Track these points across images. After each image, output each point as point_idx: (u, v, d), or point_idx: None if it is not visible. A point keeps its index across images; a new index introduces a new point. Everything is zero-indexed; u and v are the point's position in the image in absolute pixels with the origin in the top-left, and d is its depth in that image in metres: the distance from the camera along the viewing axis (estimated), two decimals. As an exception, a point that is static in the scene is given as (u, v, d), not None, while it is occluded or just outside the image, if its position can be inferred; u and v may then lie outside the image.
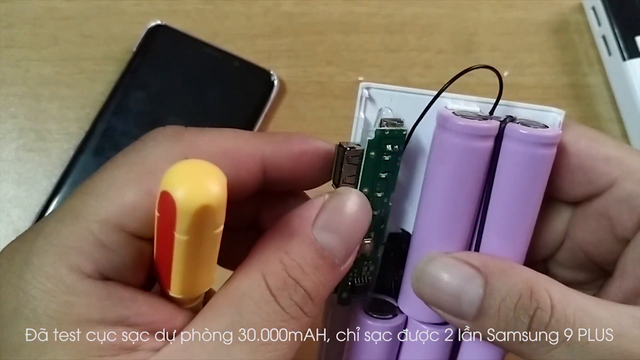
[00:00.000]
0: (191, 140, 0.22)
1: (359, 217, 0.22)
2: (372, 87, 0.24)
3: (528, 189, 0.22)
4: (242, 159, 0.22)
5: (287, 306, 0.21)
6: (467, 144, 0.22)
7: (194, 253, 0.19)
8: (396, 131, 0.23)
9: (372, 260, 0.25)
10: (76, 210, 0.20)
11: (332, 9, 0.47)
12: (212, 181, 0.17)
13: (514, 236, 0.23)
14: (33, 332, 0.19)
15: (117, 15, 0.45)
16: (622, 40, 0.45)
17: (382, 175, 0.23)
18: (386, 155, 0.23)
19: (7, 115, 0.43)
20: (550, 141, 0.22)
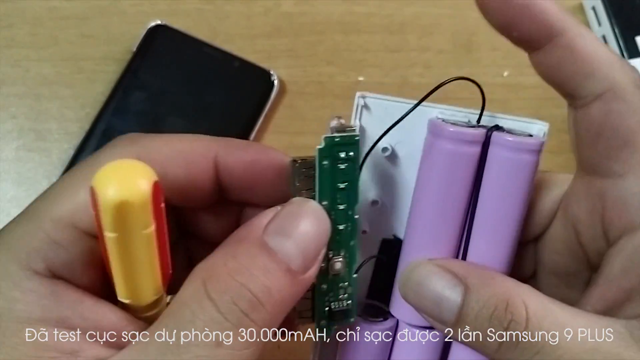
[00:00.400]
0: (145, 143, 0.22)
1: (314, 222, 0.21)
2: (368, 96, 0.25)
3: (514, 193, 0.23)
4: (195, 159, 0.22)
5: (228, 312, 0.19)
6: (456, 149, 0.23)
7: (125, 252, 0.19)
8: (347, 137, 0.22)
9: (349, 281, 0.24)
10: (32, 211, 0.21)
11: (332, 9, 0.47)
12: (137, 178, 0.18)
13: (501, 239, 0.23)
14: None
15: (117, 15, 0.45)
16: (622, 40, 0.45)
17: (341, 185, 0.22)
18: (341, 163, 0.22)
19: (7, 115, 0.43)
20: (535, 148, 0.23)
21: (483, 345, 0.21)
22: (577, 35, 0.22)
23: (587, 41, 0.22)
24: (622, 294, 0.22)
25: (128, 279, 0.19)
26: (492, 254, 0.24)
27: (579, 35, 0.22)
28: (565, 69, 0.22)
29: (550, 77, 0.23)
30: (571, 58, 0.22)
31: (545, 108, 0.46)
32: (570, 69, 0.22)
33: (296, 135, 0.44)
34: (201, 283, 0.19)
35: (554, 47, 0.22)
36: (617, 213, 0.23)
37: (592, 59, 0.22)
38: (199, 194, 0.23)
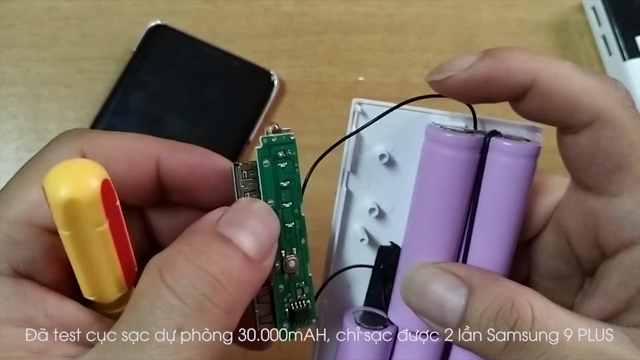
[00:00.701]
0: (90, 138, 0.22)
1: (263, 215, 0.22)
2: (364, 103, 0.25)
3: (512, 198, 0.23)
4: (137, 158, 0.22)
5: (187, 296, 0.18)
6: (454, 155, 0.23)
7: (81, 250, 0.19)
8: (283, 137, 0.23)
9: (305, 280, 0.24)
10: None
11: (332, 9, 0.47)
12: (86, 177, 0.18)
13: (500, 243, 0.24)
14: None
15: (117, 15, 0.45)
16: (623, 40, 0.45)
17: (284, 184, 0.23)
18: (281, 162, 0.23)
19: (7, 115, 0.43)
20: (532, 153, 0.23)
21: (488, 346, 0.21)
22: (551, 78, 0.22)
23: (563, 79, 0.22)
24: (620, 305, 0.22)
25: (89, 276, 0.20)
26: (491, 258, 0.24)
27: (552, 76, 0.22)
28: (548, 112, 0.22)
29: (536, 119, 0.23)
30: (551, 102, 0.22)
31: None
32: (553, 111, 0.22)
33: (296, 135, 0.44)
34: (157, 272, 0.19)
35: (532, 97, 0.22)
36: (613, 231, 0.23)
37: (572, 96, 0.22)
38: (140, 192, 0.23)
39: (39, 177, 0.20)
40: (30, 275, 0.21)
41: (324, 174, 0.43)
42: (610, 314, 0.23)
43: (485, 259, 0.24)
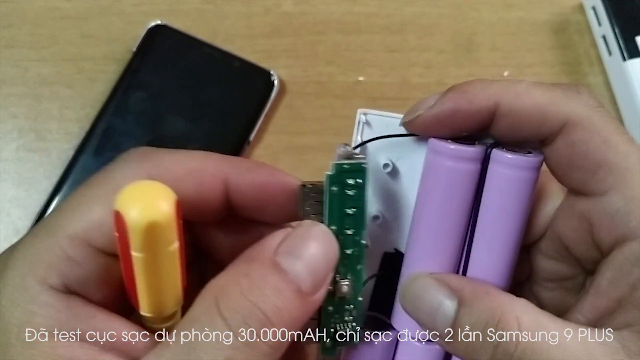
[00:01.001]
0: (157, 160, 0.22)
1: (324, 245, 0.22)
2: (369, 113, 0.25)
3: (513, 209, 0.24)
4: (205, 179, 0.22)
5: (239, 331, 0.19)
6: (456, 166, 0.23)
7: (152, 270, 0.19)
8: (355, 164, 0.23)
9: (354, 304, 0.24)
10: (49, 226, 0.21)
11: (332, 8, 0.47)
12: (160, 199, 0.18)
13: (501, 253, 0.24)
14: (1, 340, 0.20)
15: (117, 15, 0.45)
16: (623, 40, 0.45)
17: (349, 211, 0.23)
18: (349, 189, 0.23)
19: (8, 115, 0.43)
20: (533, 165, 0.23)
21: (475, 358, 0.22)
22: (513, 98, 0.23)
23: (524, 96, 0.23)
24: (612, 304, 0.23)
25: (152, 294, 0.20)
26: (492, 268, 0.24)
27: (514, 96, 0.23)
28: (519, 130, 0.23)
29: (513, 139, 0.24)
30: (518, 120, 0.23)
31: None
32: (523, 128, 0.23)
33: (296, 135, 0.44)
34: (213, 300, 0.19)
35: (500, 119, 0.23)
36: (606, 229, 0.23)
37: (536, 109, 0.23)
38: (209, 212, 0.24)
39: (102, 197, 0.21)
40: (80, 294, 0.21)
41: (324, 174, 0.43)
42: (603, 312, 0.23)
43: (487, 269, 0.24)
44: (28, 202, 0.41)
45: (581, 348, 0.21)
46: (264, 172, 0.24)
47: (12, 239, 0.40)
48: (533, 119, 0.23)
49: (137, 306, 0.21)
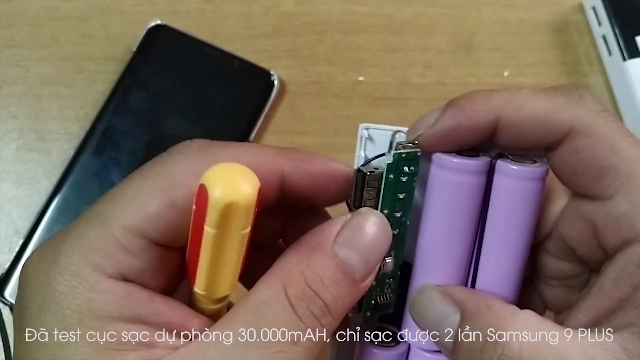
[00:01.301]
0: (215, 154, 0.22)
1: (380, 236, 0.23)
2: (371, 128, 0.26)
3: (520, 220, 0.24)
4: (263, 174, 0.22)
5: (304, 316, 0.21)
6: (460, 180, 0.23)
7: (220, 248, 0.20)
8: (411, 153, 0.24)
9: (393, 278, 0.25)
10: (103, 215, 0.21)
11: (332, 8, 0.47)
12: (245, 182, 0.19)
13: (509, 264, 0.24)
14: (58, 326, 0.20)
15: (117, 15, 0.45)
16: (623, 40, 0.45)
17: (400, 196, 0.24)
18: (403, 176, 0.24)
19: (8, 115, 0.43)
20: (539, 175, 0.23)
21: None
22: (513, 110, 0.23)
23: (525, 107, 0.23)
24: (614, 304, 0.22)
25: (212, 272, 0.21)
26: (500, 279, 0.24)
27: (514, 108, 0.23)
28: (522, 141, 0.24)
29: (516, 149, 0.24)
30: (521, 131, 0.23)
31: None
32: (527, 138, 0.23)
33: (296, 135, 0.44)
34: (281, 287, 0.21)
35: (502, 132, 0.23)
36: (611, 232, 0.23)
37: (538, 119, 0.23)
38: (265, 202, 0.24)
39: (160, 190, 0.21)
40: (135, 282, 0.22)
41: (324, 173, 0.43)
42: (605, 312, 0.23)
43: (494, 280, 0.24)
44: (28, 202, 0.41)
45: (584, 354, 0.21)
46: (318, 162, 0.24)
47: (12, 239, 0.41)
48: (536, 130, 0.23)
49: (192, 282, 0.21)
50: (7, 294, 0.39)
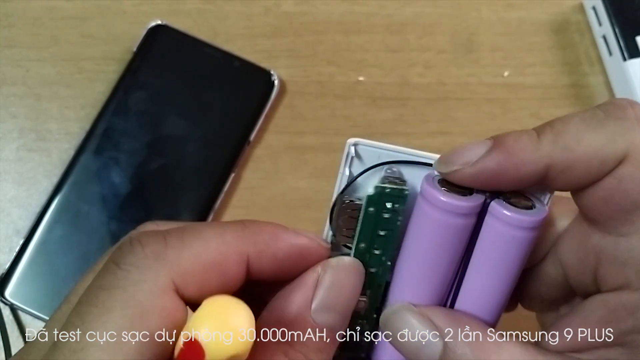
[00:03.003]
0: (175, 260, 0.20)
1: (355, 286, 0.22)
2: (360, 144, 0.23)
3: (506, 267, 0.22)
4: (228, 270, 0.21)
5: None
6: (448, 221, 0.22)
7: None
8: (397, 189, 0.22)
9: (368, 320, 0.24)
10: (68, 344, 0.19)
11: (333, 8, 0.47)
12: (242, 325, 0.18)
13: (488, 307, 0.23)
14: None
15: (117, 15, 0.45)
16: (623, 40, 0.45)
17: (381, 232, 0.23)
18: (386, 212, 0.22)
19: (8, 115, 0.43)
20: (534, 225, 0.22)
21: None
22: (565, 157, 0.21)
23: (576, 150, 0.21)
24: (598, 340, 0.22)
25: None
26: (481, 307, 0.23)
27: (565, 154, 0.21)
28: (577, 181, 0.21)
29: (567, 190, 0.22)
30: (572, 173, 0.21)
31: (545, 108, 0.46)
32: (580, 179, 0.21)
33: (296, 135, 0.44)
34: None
35: (555, 177, 0.21)
36: (613, 271, 0.22)
37: (593, 158, 0.21)
38: (227, 292, 0.22)
39: (131, 325, 0.19)
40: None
41: (324, 174, 0.43)
42: (586, 345, 0.22)
43: (475, 304, 0.23)
44: (28, 202, 0.41)
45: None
46: (284, 245, 0.22)
47: (13, 239, 0.41)
48: (590, 168, 0.21)
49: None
50: (7, 294, 0.39)
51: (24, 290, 0.39)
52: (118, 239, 0.39)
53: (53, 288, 0.39)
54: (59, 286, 0.39)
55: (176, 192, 0.41)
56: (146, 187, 0.41)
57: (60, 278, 0.39)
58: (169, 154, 0.42)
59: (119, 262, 0.20)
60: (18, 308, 0.39)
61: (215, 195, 0.41)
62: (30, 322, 0.39)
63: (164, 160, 0.42)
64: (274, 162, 0.43)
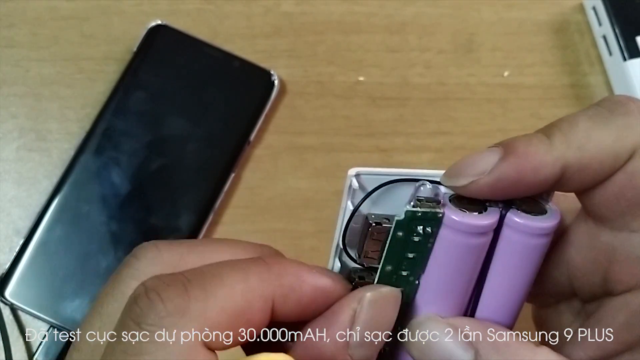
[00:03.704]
0: (200, 315, 0.19)
1: (392, 317, 0.21)
2: (362, 174, 0.22)
3: (524, 274, 0.22)
4: (254, 316, 0.20)
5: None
6: (464, 242, 0.21)
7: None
8: (430, 213, 0.20)
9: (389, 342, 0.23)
10: None
11: (333, 8, 0.47)
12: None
13: (508, 313, 0.23)
14: None
15: (117, 15, 0.45)
16: (623, 40, 0.45)
17: (410, 255, 0.21)
18: (415, 236, 0.21)
19: (8, 115, 0.43)
20: (548, 231, 0.21)
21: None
22: (579, 156, 0.21)
23: (589, 148, 0.20)
24: (621, 346, 0.22)
25: None
26: (499, 314, 0.23)
27: (579, 152, 0.21)
28: (593, 179, 0.21)
29: (583, 189, 0.22)
30: (588, 175, 0.21)
31: (545, 108, 0.46)
32: (597, 176, 0.21)
33: (296, 135, 0.44)
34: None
35: (571, 178, 0.21)
36: (627, 269, 0.21)
37: (606, 155, 0.20)
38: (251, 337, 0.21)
39: None
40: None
41: (324, 173, 0.43)
42: (610, 353, 0.22)
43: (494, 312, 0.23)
44: (28, 202, 0.41)
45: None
46: (309, 288, 0.21)
47: (13, 239, 0.41)
48: (604, 166, 0.21)
49: None
50: (7, 294, 0.39)
51: (24, 290, 0.39)
52: (118, 238, 0.40)
53: (53, 288, 0.39)
54: (59, 286, 0.39)
55: (176, 192, 0.41)
56: (146, 187, 0.41)
57: (60, 278, 0.39)
58: (169, 154, 0.42)
59: (140, 322, 0.18)
60: (18, 308, 0.39)
61: (215, 195, 0.41)
62: (30, 322, 0.39)
63: (164, 160, 0.42)
64: (274, 162, 0.43)
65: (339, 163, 0.43)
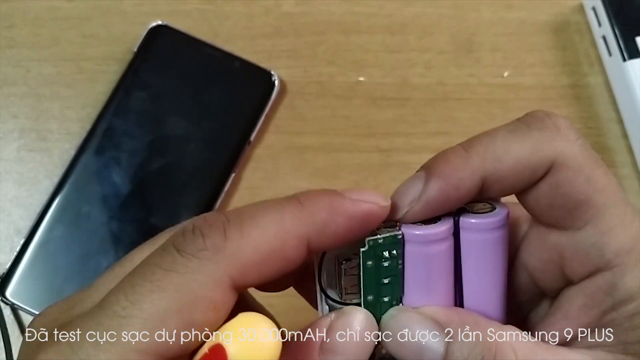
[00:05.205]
0: (234, 255, 0.20)
1: (365, 337, 0.22)
2: None
3: (494, 267, 0.23)
4: (288, 255, 0.21)
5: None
6: (427, 251, 0.23)
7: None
8: (389, 237, 0.22)
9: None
10: (116, 335, 0.19)
11: (333, 9, 0.47)
12: (270, 346, 0.18)
13: (490, 308, 0.24)
14: None
15: (118, 16, 0.45)
16: (623, 40, 0.45)
17: (385, 280, 0.23)
18: (385, 261, 0.22)
19: (8, 115, 0.43)
20: (499, 224, 0.23)
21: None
22: (495, 167, 0.22)
23: (506, 160, 0.22)
24: (582, 328, 0.23)
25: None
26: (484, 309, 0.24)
27: (496, 164, 0.22)
28: (512, 187, 0.23)
29: (504, 196, 0.24)
30: (506, 182, 0.22)
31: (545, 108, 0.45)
32: (516, 184, 0.23)
33: (296, 135, 0.44)
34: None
35: (490, 186, 0.23)
36: (579, 262, 0.23)
37: (523, 166, 0.22)
38: (288, 272, 0.22)
39: (178, 310, 0.19)
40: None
41: (324, 174, 0.44)
42: (572, 336, 0.23)
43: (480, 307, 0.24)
44: (29, 202, 0.41)
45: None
46: (344, 219, 0.21)
47: (13, 239, 0.41)
48: (522, 175, 0.22)
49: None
50: (8, 294, 0.39)
51: (24, 290, 0.39)
52: (119, 239, 0.40)
53: (54, 288, 0.39)
54: (60, 286, 0.39)
55: (177, 192, 0.41)
56: (147, 187, 0.41)
57: (61, 278, 0.39)
58: (169, 154, 0.42)
59: (180, 248, 0.20)
60: (19, 308, 0.39)
61: (216, 195, 0.42)
62: (31, 321, 0.39)
63: (164, 160, 0.42)
64: (274, 162, 0.43)
65: (339, 163, 0.43)
